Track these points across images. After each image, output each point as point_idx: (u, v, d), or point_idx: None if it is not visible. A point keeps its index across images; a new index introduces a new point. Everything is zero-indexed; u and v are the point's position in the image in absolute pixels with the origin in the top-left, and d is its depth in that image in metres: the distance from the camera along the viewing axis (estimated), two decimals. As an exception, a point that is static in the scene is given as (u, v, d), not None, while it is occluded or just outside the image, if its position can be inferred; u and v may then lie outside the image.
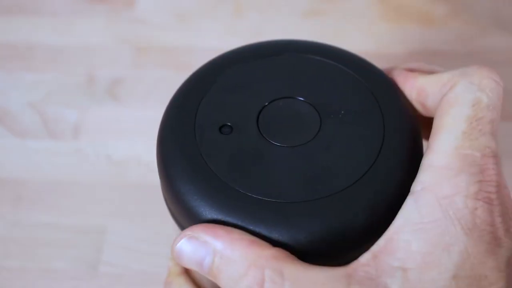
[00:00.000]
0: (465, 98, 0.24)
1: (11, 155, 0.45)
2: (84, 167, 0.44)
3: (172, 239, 0.42)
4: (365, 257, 0.22)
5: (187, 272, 0.32)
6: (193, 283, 0.32)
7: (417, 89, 0.26)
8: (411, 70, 0.28)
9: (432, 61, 0.40)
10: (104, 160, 0.44)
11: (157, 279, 0.39)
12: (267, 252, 0.22)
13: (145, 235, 0.41)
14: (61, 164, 0.44)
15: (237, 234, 0.23)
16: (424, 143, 0.27)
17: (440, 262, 0.21)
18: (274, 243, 0.23)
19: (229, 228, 0.23)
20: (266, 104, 0.26)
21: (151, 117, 0.47)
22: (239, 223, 0.23)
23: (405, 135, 0.25)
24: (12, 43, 0.51)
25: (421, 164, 0.24)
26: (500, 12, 0.52)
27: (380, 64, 0.29)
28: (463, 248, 0.21)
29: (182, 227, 0.26)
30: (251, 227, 0.23)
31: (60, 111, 0.47)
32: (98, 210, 0.42)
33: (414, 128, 0.26)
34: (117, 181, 0.44)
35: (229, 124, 0.26)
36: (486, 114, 0.23)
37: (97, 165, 0.44)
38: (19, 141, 0.46)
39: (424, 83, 0.26)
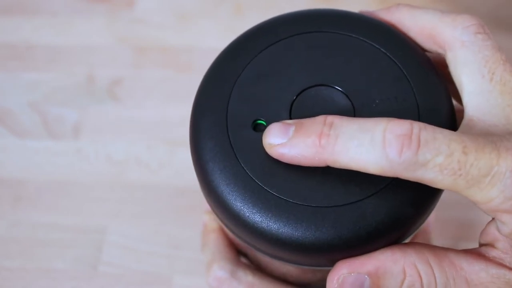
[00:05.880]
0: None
1: (11, 155, 0.45)
2: (84, 167, 0.44)
3: (174, 238, 0.41)
4: None
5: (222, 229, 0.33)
6: (228, 239, 0.33)
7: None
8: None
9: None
10: (104, 160, 0.44)
11: (157, 279, 0.39)
12: (407, 250, 0.23)
13: (145, 235, 0.41)
14: (61, 164, 0.44)
15: (377, 253, 0.24)
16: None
17: None
18: (307, 248, 0.23)
19: (366, 256, 0.24)
20: (298, 93, 0.26)
21: (151, 117, 0.47)
22: (276, 227, 0.24)
23: (441, 126, 0.24)
24: (12, 43, 0.51)
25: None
26: (500, 12, 0.52)
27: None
28: None
29: (217, 215, 0.26)
30: (286, 233, 0.23)
31: (60, 111, 0.47)
32: (98, 210, 0.42)
33: (450, 117, 0.26)
34: (117, 181, 0.44)
35: (262, 119, 0.25)
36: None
37: (97, 165, 0.44)
38: (19, 141, 0.46)
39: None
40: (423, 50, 0.27)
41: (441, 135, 0.21)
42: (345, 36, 0.27)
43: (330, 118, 0.23)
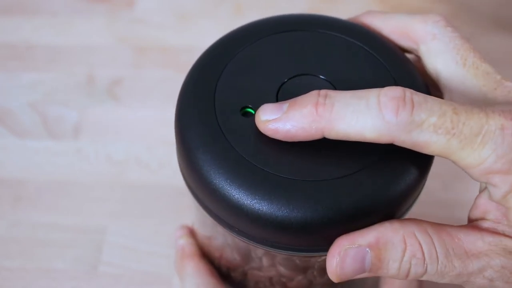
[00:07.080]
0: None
1: (11, 155, 0.45)
2: (84, 167, 0.44)
3: (173, 237, 0.41)
4: None
5: (201, 253, 0.33)
6: (209, 265, 0.33)
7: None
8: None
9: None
10: (104, 160, 0.45)
11: (157, 279, 0.39)
12: (406, 221, 0.24)
13: (145, 235, 0.41)
14: (61, 164, 0.44)
15: (376, 225, 0.24)
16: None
17: None
18: (306, 220, 0.23)
19: (366, 229, 0.24)
20: (284, 82, 0.27)
21: (151, 117, 0.47)
22: (275, 205, 0.23)
23: None
24: (12, 43, 0.51)
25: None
26: (500, 12, 0.52)
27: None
28: None
29: (210, 211, 0.26)
30: (283, 206, 0.23)
31: (60, 111, 0.47)
32: (98, 210, 0.42)
33: None
34: (117, 181, 0.44)
35: (250, 106, 0.26)
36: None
37: (97, 165, 0.44)
38: (19, 141, 0.46)
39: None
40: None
41: (431, 99, 0.22)
42: (324, 34, 0.29)
43: (324, 91, 0.23)
